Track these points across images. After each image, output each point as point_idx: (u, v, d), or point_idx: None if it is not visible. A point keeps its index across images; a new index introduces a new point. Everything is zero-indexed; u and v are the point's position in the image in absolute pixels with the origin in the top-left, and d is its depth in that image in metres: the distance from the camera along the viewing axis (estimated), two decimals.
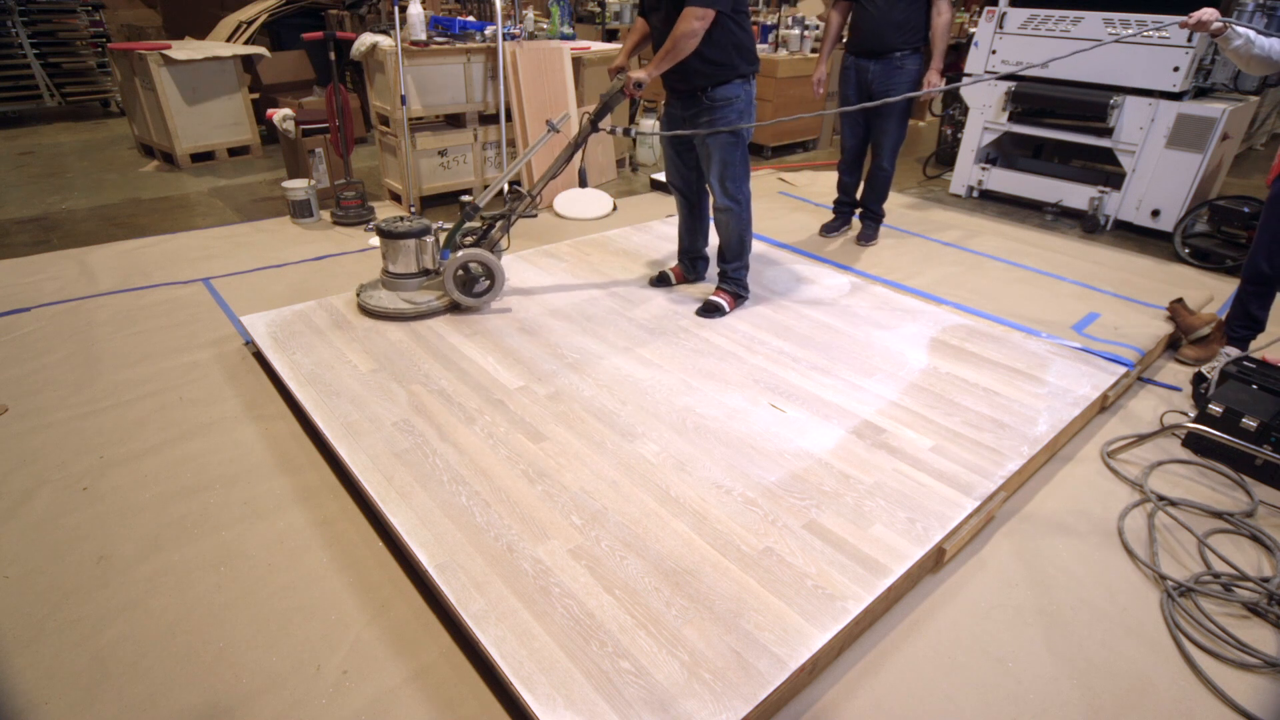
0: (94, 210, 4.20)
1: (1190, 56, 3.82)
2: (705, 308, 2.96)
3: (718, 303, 2.95)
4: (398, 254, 2.80)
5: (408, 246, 2.78)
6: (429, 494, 1.87)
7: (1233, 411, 2.25)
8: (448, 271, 2.74)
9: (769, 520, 1.83)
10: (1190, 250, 3.96)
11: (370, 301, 2.79)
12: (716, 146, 2.73)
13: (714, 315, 2.93)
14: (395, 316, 2.77)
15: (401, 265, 2.82)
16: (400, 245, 2.77)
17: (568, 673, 1.40)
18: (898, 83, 3.48)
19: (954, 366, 2.61)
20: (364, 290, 2.86)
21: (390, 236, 2.75)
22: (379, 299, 2.80)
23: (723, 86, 2.66)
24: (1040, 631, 1.67)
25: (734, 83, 2.67)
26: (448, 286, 2.78)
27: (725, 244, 2.96)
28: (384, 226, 2.73)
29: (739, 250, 2.94)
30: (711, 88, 2.65)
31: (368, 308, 2.79)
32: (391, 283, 2.84)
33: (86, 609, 1.63)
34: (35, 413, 2.31)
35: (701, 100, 2.68)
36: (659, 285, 3.21)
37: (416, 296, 2.82)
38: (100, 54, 6.60)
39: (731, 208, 2.83)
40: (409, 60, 3.88)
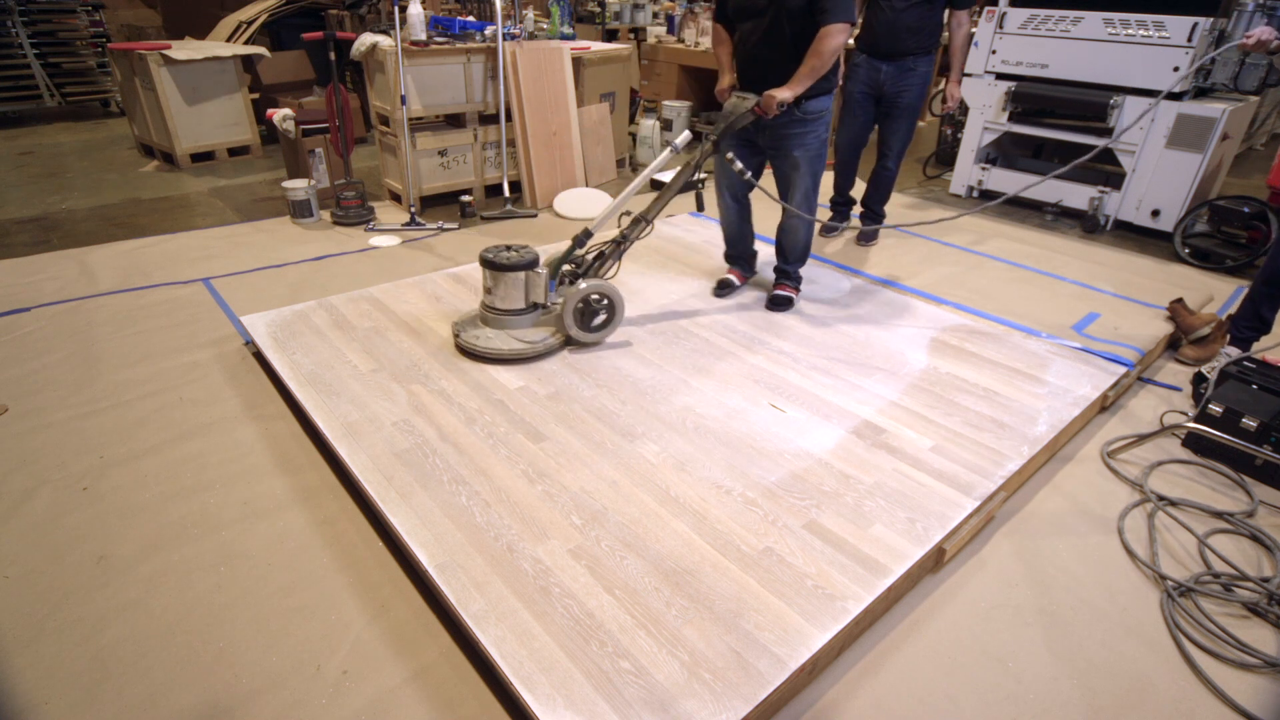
0: (94, 210, 4.20)
1: (1190, 56, 3.82)
2: (777, 301, 3.04)
3: (789, 296, 3.06)
4: (507, 288, 2.50)
5: (517, 280, 2.48)
6: (429, 494, 1.87)
7: (1233, 411, 2.25)
8: (569, 305, 2.49)
9: (769, 520, 1.83)
10: (1190, 250, 3.96)
11: (478, 343, 2.48)
12: (806, 159, 2.75)
13: (787, 308, 3.05)
14: (511, 359, 2.48)
15: (510, 300, 2.52)
16: (509, 279, 2.47)
17: (568, 673, 1.40)
18: (909, 85, 3.51)
19: (954, 366, 2.61)
20: (463, 329, 2.56)
21: (498, 269, 2.45)
22: (488, 339, 2.49)
23: (816, 99, 2.66)
24: (1040, 631, 1.67)
25: (825, 96, 2.68)
26: (567, 322, 2.52)
27: (793, 248, 3.03)
28: (490, 257, 2.45)
29: (804, 253, 3.07)
30: (805, 100, 2.63)
31: (475, 350, 2.48)
32: (498, 319, 2.53)
33: (86, 609, 1.63)
34: (35, 413, 2.31)
35: (793, 112, 2.65)
36: (724, 293, 3.17)
37: (529, 334, 2.53)
38: (100, 54, 6.60)
39: (807, 216, 2.91)
40: (409, 60, 3.88)
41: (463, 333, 2.53)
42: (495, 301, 2.53)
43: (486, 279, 2.50)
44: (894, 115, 3.60)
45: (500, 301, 2.52)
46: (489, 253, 2.47)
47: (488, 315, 2.56)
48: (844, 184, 4.01)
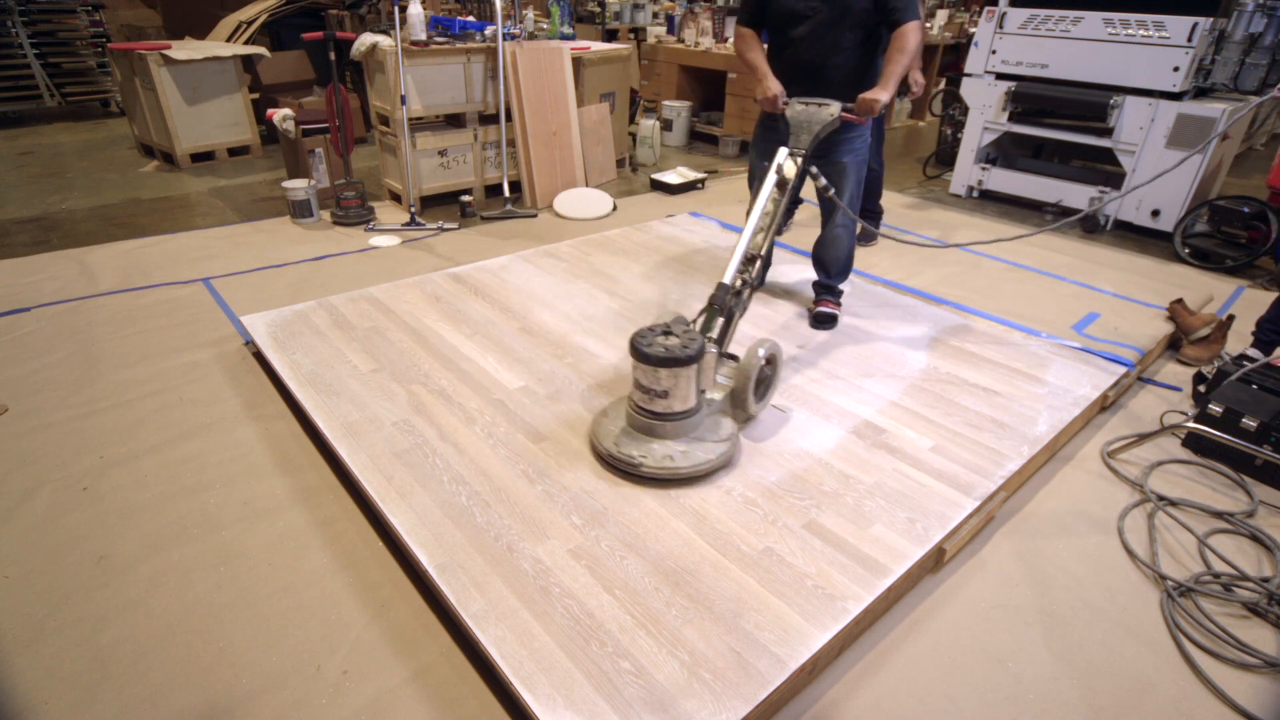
0: (94, 210, 4.20)
1: (1190, 56, 3.82)
2: (821, 319, 2.88)
3: (833, 313, 2.90)
4: (684, 385, 1.93)
5: (693, 374, 1.94)
6: (429, 494, 1.87)
7: (1233, 411, 2.25)
8: (750, 378, 2.07)
9: (769, 520, 1.83)
10: (1190, 250, 3.96)
11: (679, 462, 1.93)
12: (853, 167, 2.67)
13: (831, 325, 2.89)
14: (717, 468, 1.99)
15: (687, 398, 1.97)
16: (687, 374, 1.92)
17: (568, 673, 1.40)
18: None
19: (954, 366, 2.61)
20: (621, 444, 1.98)
21: (676, 364, 1.88)
22: (687, 456, 1.95)
23: None
24: (1040, 631, 1.67)
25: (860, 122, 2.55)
26: (749, 400, 2.11)
27: (835, 260, 2.88)
28: (657, 352, 1.87)
29: (847, 265, 2.92)
30: None
31: (680, 474, 1.93)
32: (677, 426, 1.98)
33: (86, 609, 1.63)
34: (35, 413, 2.31)
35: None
36: None
37: (717, 431, 2.05)
38: (100, 54, 6.60)
39: (849, 225, 2.83)
40: (409, 60, 3.88)
41: (644, 459, 1.93)
42: (673, 405, 1.95)
43: (659, 380, 1.91)
44: None
45: (679, 403, 1.96)
46: (650, 345, 1.89)
47: (660, 425, 1.98)
48: None
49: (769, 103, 2.50)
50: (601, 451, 2.01)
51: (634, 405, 2.02)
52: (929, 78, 7.71)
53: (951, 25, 7.53)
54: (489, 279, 3.21)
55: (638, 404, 2.00)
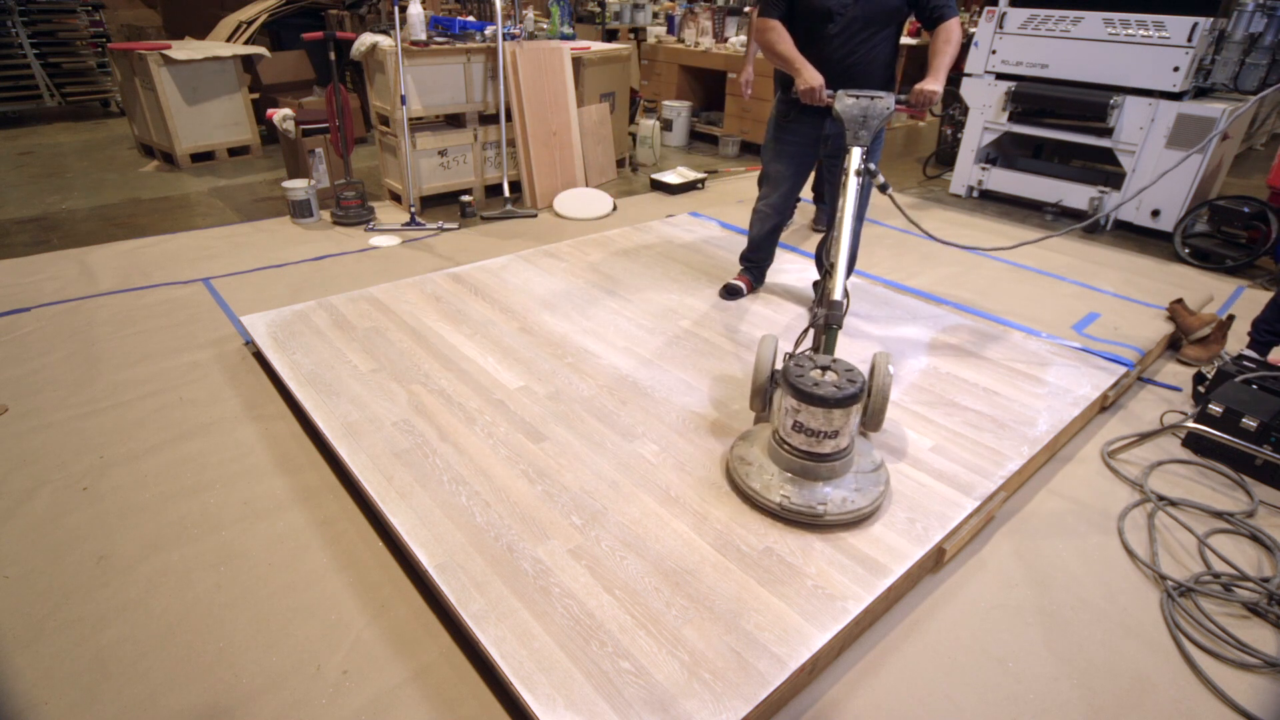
0: (94, 210, 4.20)
1: (1190, 56, 3.82)
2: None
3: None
4: (849, 421, 1.80)
5: (858, 410, 1.82)
6: (429, 494, 1.87)
7: (1233, 411, 2.25)
8: (885, 398, 1.97)
9: (769, 520, 1.82)
10: (1190, 250, 3.96)
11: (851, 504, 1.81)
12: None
13: None
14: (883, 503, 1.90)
15: (850, 434, 1.85)
16: (855, 412, 1.80)
17: (568, 673, 1.40)
18: None
19: (954, 366, 2.61)
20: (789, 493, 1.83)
21: (844, 404, 1.75)
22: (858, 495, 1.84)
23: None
24: (1040, 631, 1.67)
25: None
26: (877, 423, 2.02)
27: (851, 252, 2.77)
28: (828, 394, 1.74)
29: (852, 262, 2.90)
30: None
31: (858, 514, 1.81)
32: (843, 465, 1.87)
33: (86, 609, 1.63)
34: (35, 413, 2.31)
35: None
36: (730, 298, 3.10)
37: (872, 459, 1.97)
38: (100, 54, 6.60)
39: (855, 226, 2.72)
40: (409, 60, 3.88)
41: (824, 508, 1.80)
42: (841, 443, 1.83)
43: (833, 421, 1.76)
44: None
45: (845, 439, 1.83)
46: (814, 385, 1.76)
47: (826, 467, 1.84)
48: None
49: (811, 94, 2.39)
50: (768, 505, 1.84)
51: (793, 449, 1.85)
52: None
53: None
54: (489, 279, 3.21)
55: (799, 447, 1.84)
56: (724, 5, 6.75)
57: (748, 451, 1.99)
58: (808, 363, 1.85)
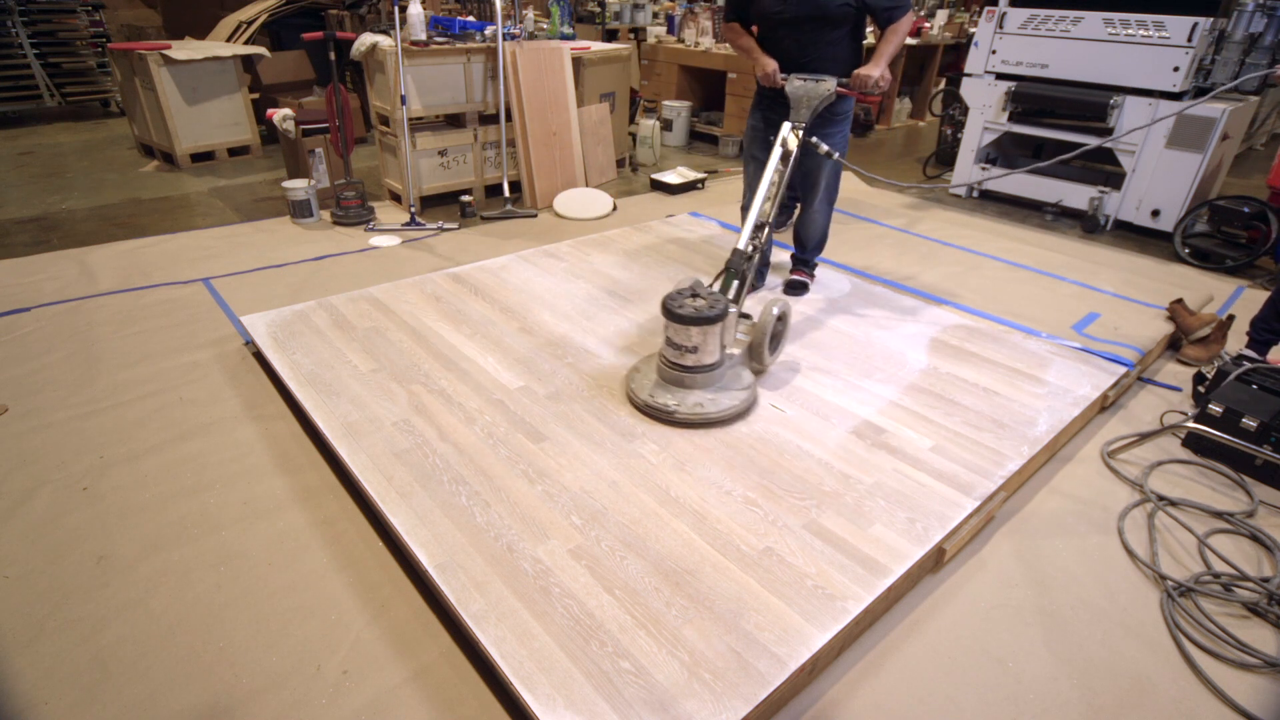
0: (94, 210, 4.20)
1: (1190, 56, 3.82)
2: (794, 285, 3.20)
3: (804, 281, 3.23)
4: (709, 341, 2.18)
5: (717, 331, 2.18)
6: (429, 494, 1.87)
7: (1233, 411, 2.25)
8: (765, 333, 2.32)
9: (769, 520, 1.83)
10: (1190, 250, 3.96)
11: (704, 408, 2.18)
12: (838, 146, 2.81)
13: (802, 293, 3.20)
14: (739, 414, 2.24)
15: (712, 353, 2.21)
16: (713, 331, 2.17)
17: (568, 673, 1.40)
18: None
19: (954, 366, 2.61)
20: (672, 400, 2.20)
21: (704, 323, 2.12)
22: (714, 402, 2.20)
23: (846, 100, 2.78)
24: (1040, 631, 1.67)
25: (851, 98, 2.78)
26: (763, 352, 2.36)
27: (811, 237, 3.17)
28: (688, 313, 2.11)
29: (821, 243, 3.22)
30: (841, 99, 2.74)
31: (710, 418, 2.18)
32: (705, 378, 2.23)
33: (86, 609, 1.63)
34: (35, 413, 2.31)
35: (825, 112, 2.74)
36: None
37: (740, 380, 2.31)
38: (100, 54, 6.60)
39: (825, 210, 3.09)
40: (409, 60, 3.88)
41: (678, 406, 2.18)
42: (702, 359, 2.20)
43: (690, 337, 2.15)
44: None
45: (707, 357, 2.21)
46: (681, 306, 2.14)
47: (691, 377, 2.22)
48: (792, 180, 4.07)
49: (768, 78, 2.69)
50: (638, 402, 2.25)
51: (665, 360, 2.26)
52: (928, 77, 7.71)
53: (951, 25, 7.53)
54: (489, 279, 3.21)
55: (669, 359, 2.25)
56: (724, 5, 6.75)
57: (643, 365, 2.41)
58: (689, 294, 2.20)
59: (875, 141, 6.78)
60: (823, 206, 3.05)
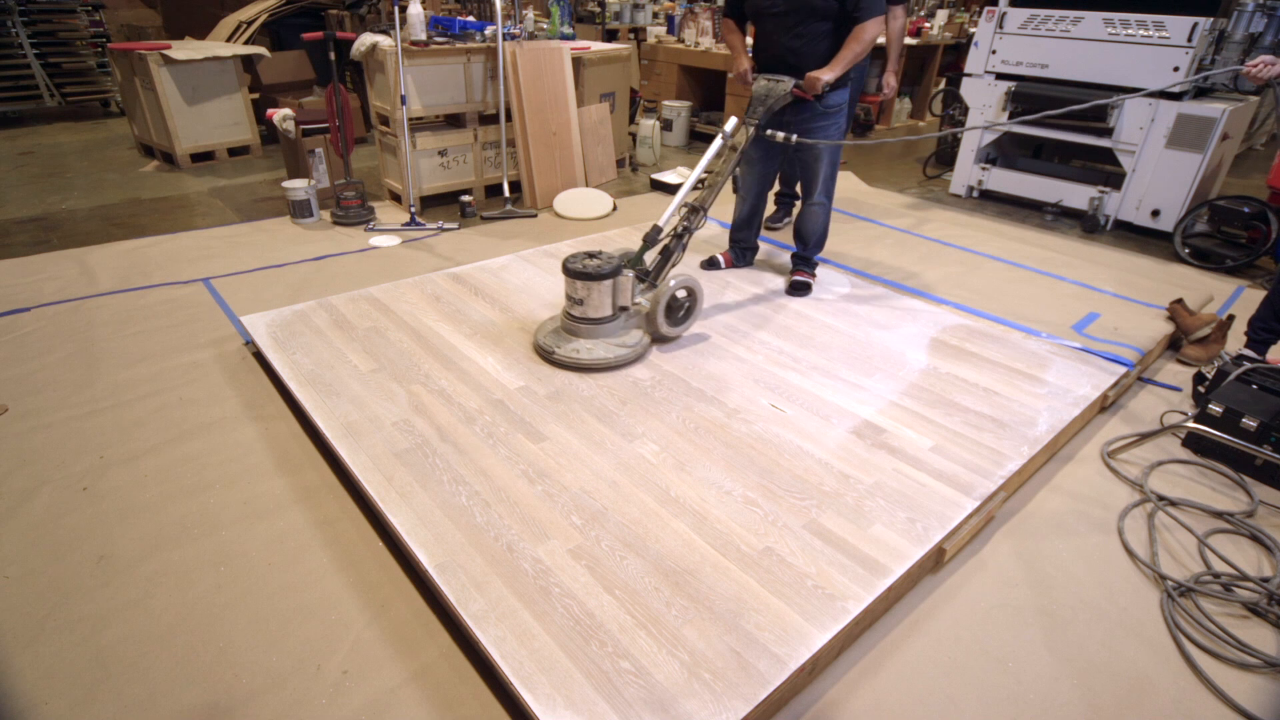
0: (94, 210, 4.20)
1: (1190, 56, 3.82)
2: (796, 286, 3.19)
3: (806, 281, 3.22)
4: (597, 296, 2.47)
5: (606, 287, 2.47)
6: (429, 494, 1.87)
7: (1233, 411, 2.25)
8: (660, 302, 2.56)
9: (769, 520, 1.83)
10: (1190, 250, 3.96)
11: (581, 355, 2.46)
12: (828, 150, 2.93)
13: (805, 293, 3.19)
14: (614, 365, 2.49)
15: (601, 308, 2.50)
16: (600, 287, 2.45)
17: (568, 673, 1.40)
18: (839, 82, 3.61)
19: (954, 366, 2.61)
20: (554, 344, 2.50)
21: (590, 278, 2.42)
22: (589, 350, 2.48)
23: (837, 92, 2.83)
24: (1040, 631, 1.67)
25: (844, 89, 2.85)
26: (658, 318, 2.58)
27: (812, 234, 3.19)
28: (579, 268, 2.42)
29: (822, 239, 3.24)
30: (829, 92, 2.80)
31: (580, 364, 2.46)
32: (590, 329, 2.51)
33: (86, 609, 1.63)
34: (35, 413, 2.31)
35: (815, 105, 2.82)
36: (709, 268, 3.42)
37: (627, 339, 2.56)
38: (100, 54, 6.60)
39: (824, 204, 3.12)
40: (409, 60, 3.88)
41: (557, 349, 2.48)
42: (587, 311, 2.49)
43: (576, 290, 2.45)
44: None
45: (592, 311, 2.49)
46: (574, 263, 2.43)
47: (577, 326, 2.51)
48: (786, 176, 4.14)
49: (740, 77, 2.89)
50: (534, 344, 2.59)
51: (564, 311, 2.56)
52: (928, 77, 7.71)
53: (951, 25, 7.53)
54: (489, 279, 3.21)
55: (565, 310, 2.56)
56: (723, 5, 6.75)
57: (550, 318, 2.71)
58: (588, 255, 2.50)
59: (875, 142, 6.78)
60: (822, 200, 3.11)
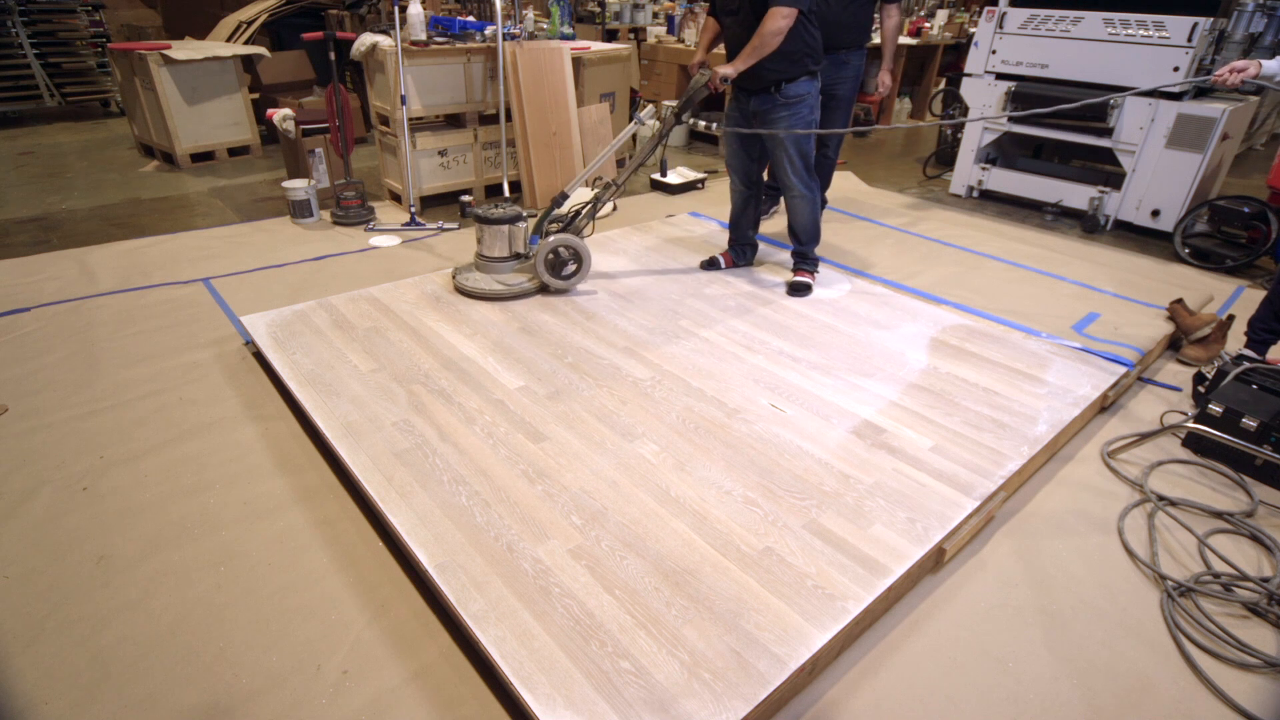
0: (94, 210, 4.20)
1: (1190, 56, 3.82)
2: (796, 287, 3.18)
3: (806, 282, 3.20)
4: (492, 239, 2.98)
5: (501, 232, 2.96)
6: (429, 494, 1.87)
7: (1233, 411, 2.25)
8: (539, 255, 2.94)
9: (769, 520, 1.83)
10: (1190, 250, 3.96)
11: (467, 283, 2.99)
12: (791, 141, 2.94)
13: (805, 294, 3.18)
14: (490, 297, 2.96)
15: (496, 249, 3.00)
16: (495, 230, 2.96)
17: (568, 673, 1.40)
18: (843, 77, 3.64)
19: (954, 366, 2.61)
20: (459, 272, 3.06)
21: (485, 222, 2.95)
22: (475, 280, 2.99)
23: (794, 83, 2.85)
24: (1040, 631, 1.67)
25: (803, 80, 2.86)
26: (539, 269, 2.96)
27: (801, 228, 3.20)
28: (479, 212, 2.93)
29: (814, 232, 3.22)
30: (784, 84, 2.84)
31: (464, 289, 2.99)
32: (485, 266, 3.04)
33: (86, 609, 1.63)
34: (35, 413, 2.31)
35: (775, 97, 2.87)
36: (709, 268, 3.43)
37: (510, 279, 3.01)
38: (100, 54, 6.60)
39: (805, 195, 3.10)
40: (409, 60, 3.88)
41: (458, 275, 3.03)
42: (484, 250, 3.02)
43: (478, 231, 2.98)
44: (830, 106, 3.71)
45: (488, 250, 3.02)
46: (479, 209, 2.95)
47: (480, 263, 3.05)
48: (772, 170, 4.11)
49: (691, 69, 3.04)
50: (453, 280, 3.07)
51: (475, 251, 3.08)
52: (928, 77, 7.71)
53: (951, 25, 7.53)
54: None
55: (476, 249, 3.07)
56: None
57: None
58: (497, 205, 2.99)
59: (875, 141, 6.78)
60: (801, 192, 3.10)
